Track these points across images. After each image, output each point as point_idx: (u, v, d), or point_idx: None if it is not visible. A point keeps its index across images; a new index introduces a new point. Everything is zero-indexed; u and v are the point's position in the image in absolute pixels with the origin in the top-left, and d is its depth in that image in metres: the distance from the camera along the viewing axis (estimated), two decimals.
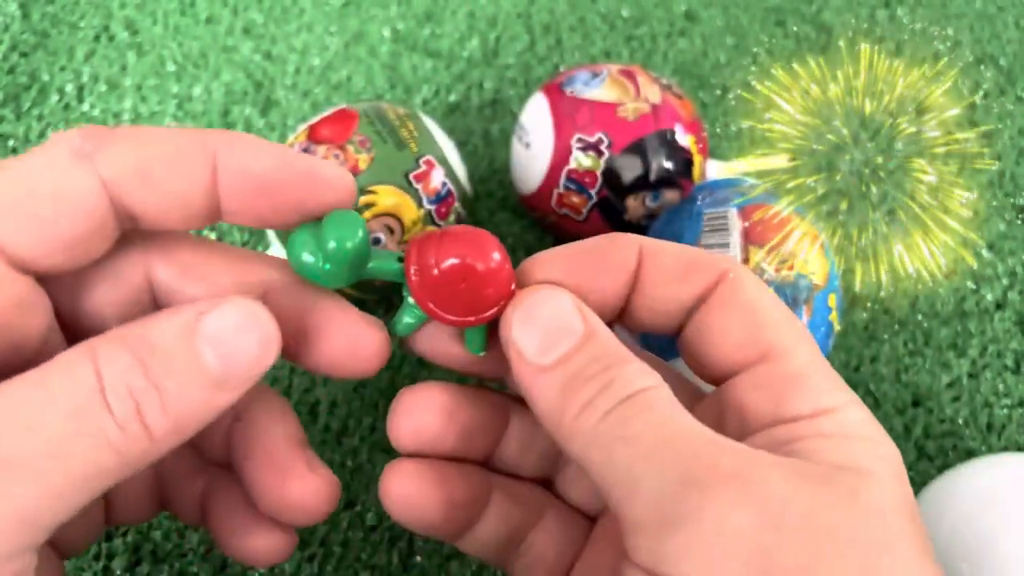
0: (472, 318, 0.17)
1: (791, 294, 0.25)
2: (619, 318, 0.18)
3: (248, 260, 0.18)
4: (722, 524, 0.13)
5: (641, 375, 0.16)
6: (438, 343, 0.19)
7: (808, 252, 0.25)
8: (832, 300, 0.25)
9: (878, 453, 0.15)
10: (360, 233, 0.16)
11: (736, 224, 0.26)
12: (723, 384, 0.17)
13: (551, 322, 0.16)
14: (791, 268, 0.25)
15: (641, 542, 0.14)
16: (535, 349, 0.16)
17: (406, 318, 0.18)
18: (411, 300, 0.18)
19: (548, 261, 0.17)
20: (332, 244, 0.16)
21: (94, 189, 0.15)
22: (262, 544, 0.19)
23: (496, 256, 0.17)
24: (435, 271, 0.17)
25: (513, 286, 0.17)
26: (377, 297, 0.30)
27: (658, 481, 0.14)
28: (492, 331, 0.18)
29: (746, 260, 0.25)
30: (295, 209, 0.17)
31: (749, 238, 0.25)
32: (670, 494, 0.14)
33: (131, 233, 0.17)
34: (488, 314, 0.17)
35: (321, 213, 0.17)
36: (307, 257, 0.16)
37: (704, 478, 0.14)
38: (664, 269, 0.17)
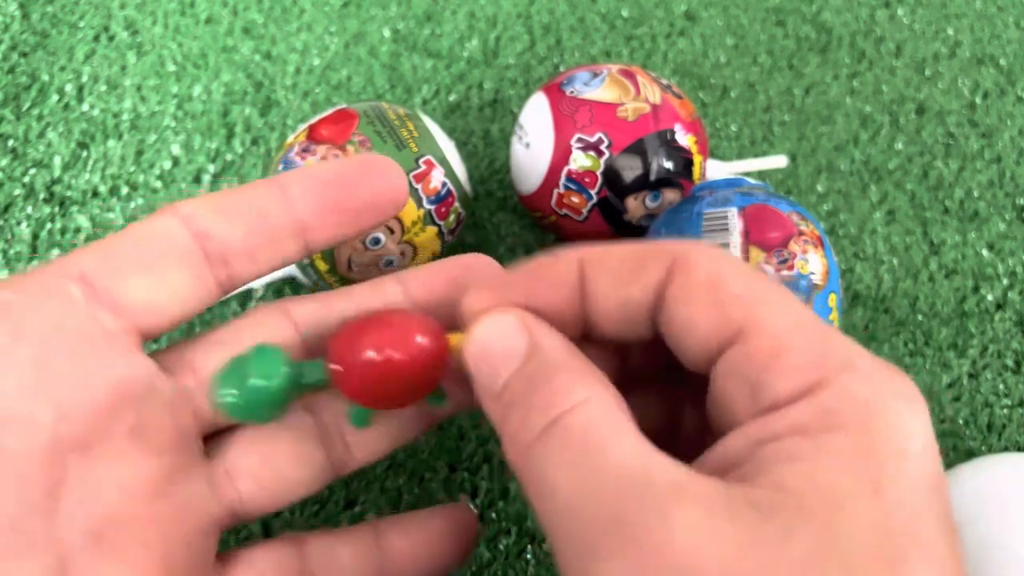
0: (410, 400, 0.17)
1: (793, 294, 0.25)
2: (586, 337, 0.17)
3: None
4: None
5: (571, 387, 0.14)
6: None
7: (808, 252, 0.25)
8: (832, 300, 0.25)
9: (867, 443, 0.13)
10: (281, 369, 0.16)
11: (736, 224, 0.26)
12: (710, 376, 0.16)
13: (497, 348, 0.16)
14: (791, 268, 0.25)
15: None
16: (488, 378, 0.16)
17: (356, 414, 0.19)
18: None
19: (487, 288, 0.17)
20: (256, 382, 0.16)
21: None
22: None
23: (419, 340, 0.16)
24: (360, 370, 0.16)
25: (443, 359, 0.17)
26: None
27: (567, 546, 0.13)
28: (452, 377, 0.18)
29: (746, 260, 0.25)
30: (365, 201, 0.19)
31: (749, 238, 0.25)
32: (574, 566, 0.13)
33: None
34: (424, 391, 0.17)
35: (384, 204, 0.19)
36: (232, 399, 0.16)
37: (601, 548, 0.13)
38: (609, 273, 0.16)
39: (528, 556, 0.28)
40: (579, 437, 0.14)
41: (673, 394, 0.18)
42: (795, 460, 0.13)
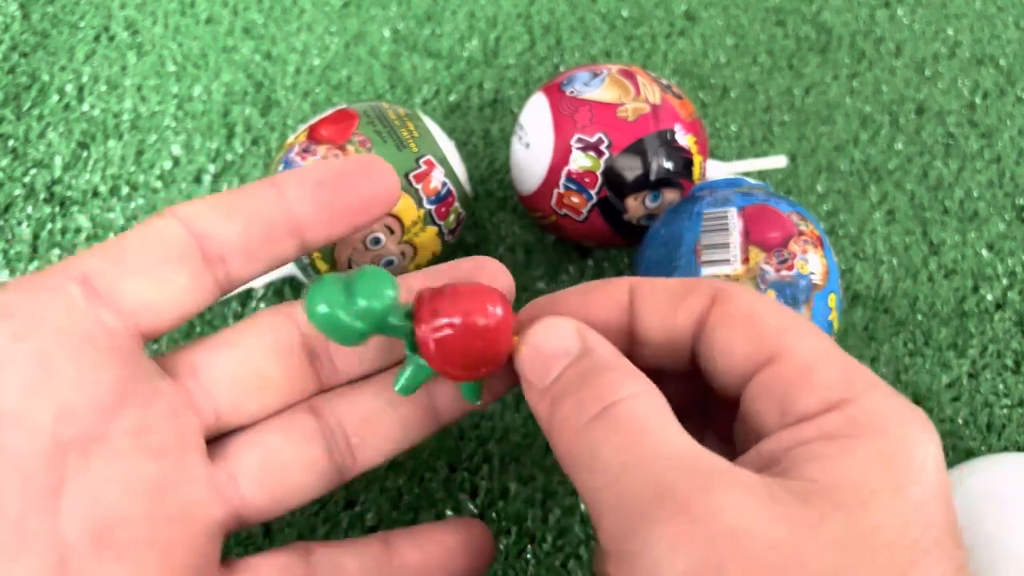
0: (477, 373, 0.17)
1: (791, 294, 0.25)
2: (631, 357, 0.18)
3: None
4: (660, 568, 0.13)
5: (622, 382, 0.16)
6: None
7: (808, 252, 0.25)
8: (832, 300, 0.25)
9: (889, 450, 0.14)
10: (391, 293, 0.16)
11: (736, 224, 0.26)
12: (741, 398, 0.17)
13: (552, 348, 0.17)
14: (791, 268, 0.25)
15: (607, 569, 0.15)
16: (538, 376, 0.17)
17: (409, 375, 0.18)
18: (416, 357, 0.18)
19: (545, 301, 0.18)
20: (363, 303, 0.16)
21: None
22: None
23: (499, 311, 0.17)
24: (442, 330, 0.16)
25: (515, 337, 0.17)
26: None
27: (615, 516, 0.14)
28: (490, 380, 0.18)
29: (746, 260, 0.25)
30: (358, 200, 0.19)
31: (749, 238, 0.25)
32: (623, 531, 0.14)
33: None
34: (491, 367, 0.17)
35: (376, 202, 0.19)
36: (340, 314, 0.16)
37: (652, 513, 0.14)
38: (657, 300, 0.17)
39: (528, 556, 0.28)
40: (629, 423, 0.15)
41: (698, 425, 0.19)
42: (823, 459, 0.14)
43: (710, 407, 0.20)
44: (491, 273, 0.20)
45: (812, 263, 0.25)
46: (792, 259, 0.25)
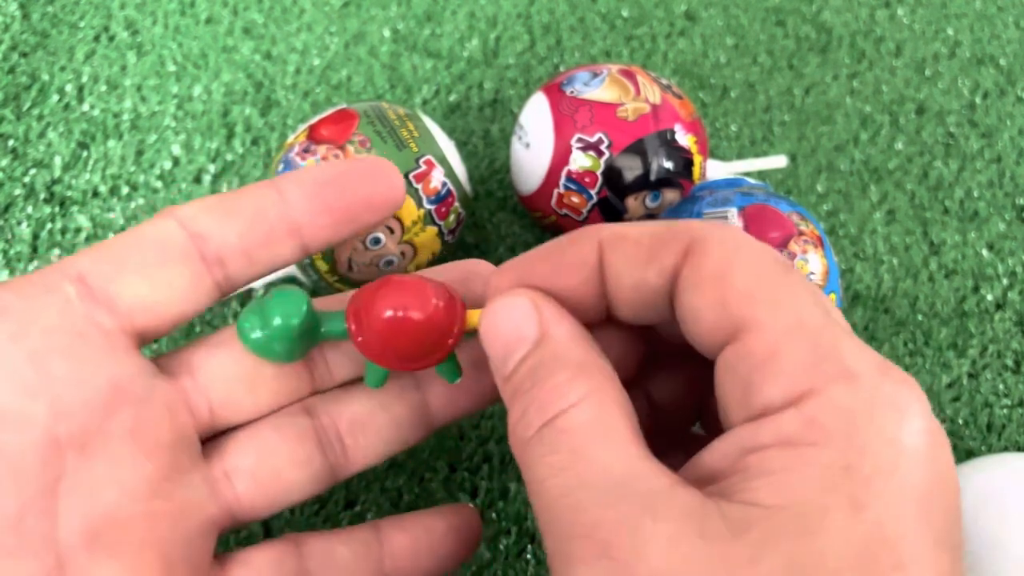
0: (419, 364, 0.18)
1: None
2: (610, 319, 0.17)
3: None
4: None
5: (569, 387, 0.15)
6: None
7: (808, 252, 0.25)
8: (831, 300, 0.26)
9: (846, 459, 0.12)
10: (303, 308, 0.17)
11: (736, 224, 0.26)
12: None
13: (510, 330, 0.16)
14: None
15: None
16: (499, 359, 0.16)
17: (368, 369, 0.19)
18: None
19: (511, 268, 0.17)
20: (277, 321, 0.17)
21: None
22: None
23: (434, 302, 0.17)
24: (375, 326, 0.17)
25: (458, 326, 0.17)
26: None
27: (549, 544, 0.14)
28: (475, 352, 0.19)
29: None
30: (360, 202, 0.19)
31: None
32: (553, 566, 0.14)
33: None
34: (437, 355, 0.17)
35: (380, 205, 0.20)
36: (256, 335, 0.18)
37: (574, 553, 0.13)
38: (626, 255, 0.16)
39: (528, 556, 0.28)
40: (569, 440, 0.14)
41: (701, 372, 0.17)
42: (773, 475, 0.13)
43: None
44: (481, 276, 0.20)
45: (812, 263, 0.25)
46: (792, 259, 0.25)
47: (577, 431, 0.14)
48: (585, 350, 0.15)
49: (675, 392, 0.19)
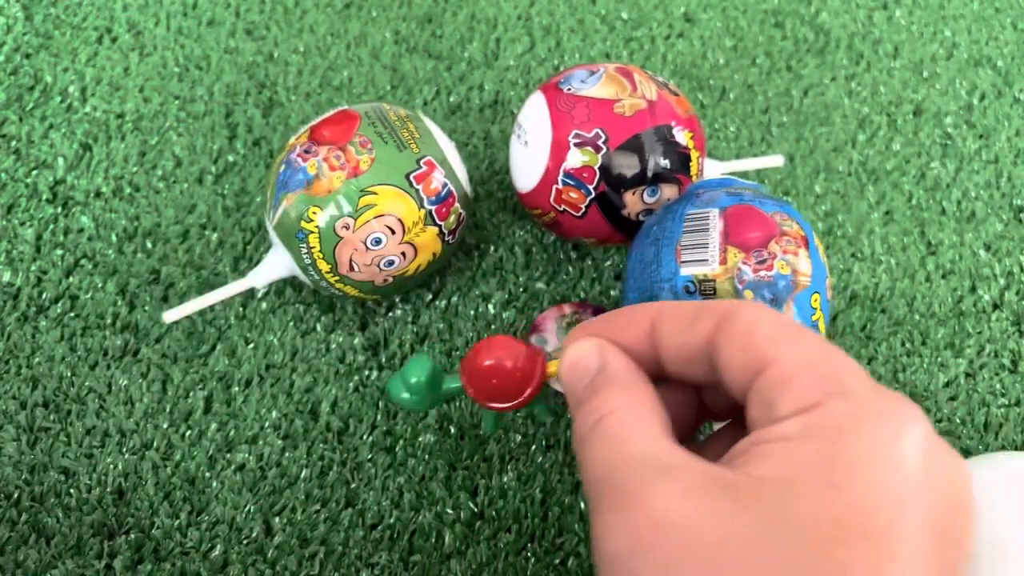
0: (508, 402, 0.22)
1: (771, 294, 0.25)
2: (664, 378, 0.21)
3: None
4: (601, 548, 0.16)
5: (613, 397, 0.19)
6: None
7: (790, 253, 0.25)
8: (816, 300, 0.26)
9: (829, 453, 0.15)
10: (428, 369, 0.23)
11: (716, 225, 0.26)
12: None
13: (579, 363, 0.20)
14: (770, 268, 0.25)
15: None
16: (571, 384, 0.20)
17: (485, 420, 0.26)
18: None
19: (583, 327, 0.22)
20: (412, 380, 0.23)
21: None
22: None
23: (520, 352, 0.22)
24: (477, 373, 0.22)
25: (540, 370, 0.22)
26: (379, 296, 0.30)
27: (592, 503, 0.18)
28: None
29: (724, 260, 0.25)
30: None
31: (728, 239, 0.25)
32: (592, 514, 0.17)
33: None
34: (524, 397, 0.22)
35: None
36: (403, 395, 0.23)
37: (599, 503, 0.17)
38: (672, 322, 0.20)
39: (528, 554, 0.28)
40: (611, 432, 0.18)
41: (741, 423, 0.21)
42: (768, 457, 0.16)
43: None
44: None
45: (794, 263, 0.25)
46: (771, 259, 0.25)
47: (619, 425, 0.18)
48: (631, 374, 0.20)
49: (725, 439, 0.22)
